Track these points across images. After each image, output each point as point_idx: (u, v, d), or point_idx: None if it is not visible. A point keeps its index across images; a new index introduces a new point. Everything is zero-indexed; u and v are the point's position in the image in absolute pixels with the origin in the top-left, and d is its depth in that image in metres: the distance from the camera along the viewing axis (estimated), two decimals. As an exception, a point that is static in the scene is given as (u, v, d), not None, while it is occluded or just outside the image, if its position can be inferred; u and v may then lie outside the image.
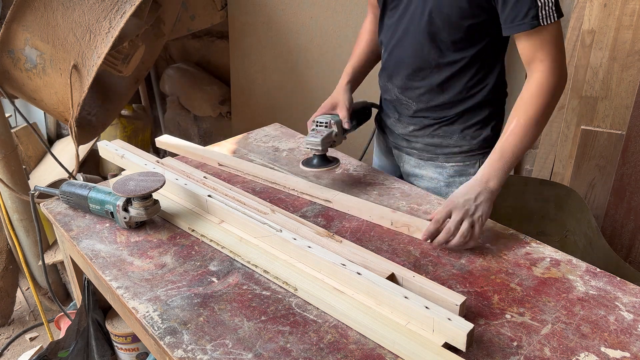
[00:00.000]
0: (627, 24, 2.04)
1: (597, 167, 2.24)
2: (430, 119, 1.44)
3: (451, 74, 1.35)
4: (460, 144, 1.43)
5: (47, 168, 2.81)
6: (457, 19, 1.25)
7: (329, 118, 1.42)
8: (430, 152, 1.47)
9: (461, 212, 1.15)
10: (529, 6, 1.15)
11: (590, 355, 0.91)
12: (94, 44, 1.82)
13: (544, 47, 1.19)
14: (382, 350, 0.92)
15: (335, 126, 1.41)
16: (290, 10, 2.58)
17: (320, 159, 1.42)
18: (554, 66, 1.20)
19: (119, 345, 1.60)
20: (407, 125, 1.49)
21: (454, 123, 1.42)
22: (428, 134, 1.46)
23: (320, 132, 1.40)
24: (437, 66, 1.35)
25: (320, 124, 1.42)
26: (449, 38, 1.30)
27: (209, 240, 1.21)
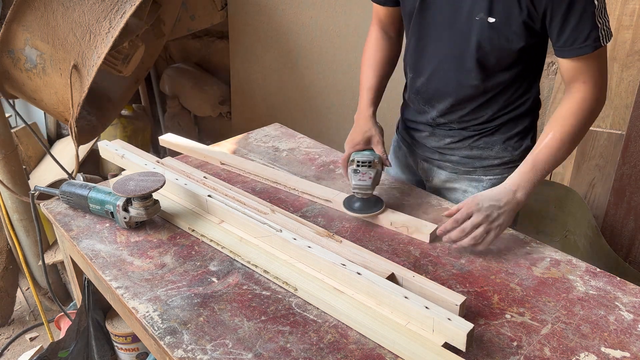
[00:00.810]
0: (627, 24, 2.04)
1: (597, 167, 2.24)
2: (470, 131, 1.37)
3: (496, 93, 1.31)
4: (502, 155, 1.38)
5: (47, 168, 2.81)
6: (508, 45, 1.20)
7: (371, 157, 1.29)
8: (467, 165, 1.41)
9: (481, 217, 1.13)
10: (591, 28, 1.11)
11: (590, 355, 0.91)
12: (94, 44, 1.82)
13: (590, 68, 1.16)
14: (382, 350, 0.92)
15: (379, 164, 1.30)
16: (290, 10, 2.58)
17: (364, 202, 1.29)
18: (596, 90, 1.17)
19: (119, 345, 1.60)
20: (442, 138, 1.41)
21: (495, 134, 1.36)
22: (467, 146, 1.39)
23: (367, 173, 1.26)
24: (484, 91, 1.30)
25: (363, 164, 1.28)
26: (497, 63, 1.24)
27: (209, 240, 1.21)
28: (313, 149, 1.67)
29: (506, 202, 1.14)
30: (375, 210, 1.28)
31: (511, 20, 1.16)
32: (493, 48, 1.21)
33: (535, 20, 1.15)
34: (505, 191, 1.16)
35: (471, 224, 1.13)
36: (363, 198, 1.28)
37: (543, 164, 1.17)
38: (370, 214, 1.28)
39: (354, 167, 1.28)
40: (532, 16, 1.14)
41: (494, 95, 1.31)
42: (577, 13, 1.10)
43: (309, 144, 1.70)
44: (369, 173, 1.26)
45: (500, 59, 1.24)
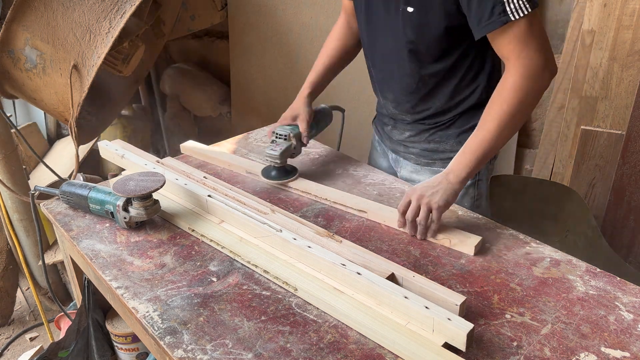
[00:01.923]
0: (627, 24, 2.04)
1: (597, 167, 2.24)
2: (426, 125, 1.44)
3: (437, 82, 1.35)
4: (457, 148, 1.39)
5: (47, 168, 2.81)
6: (430, 32, 1.24)
7: (288, 130, 1.44)
8: (427, 157, 1.47)
9: (416, 197, 1.18)
10: (493, 3, 1.11)
11: (590, 355, 0.91)
12: (94, 44, 1.82)
13: (519, 42, 1.14)
14: (382, 350, 0.92)
15: (294, 139, 1.43)
16: (290, 10, 2.58)
17: (278, 171, 1.43)
18: (521, 63, 1.15)
19: (119, 345, 1.60)
20: (403, 132, 1.49)
21: (450, 127, 1.42)
22: (424, 140, 1.46)
23: (280, 145, 1.42)
24: (421, 79, 1.35)
25: (279, 136, 1.44)
26: (428, 52, 1.29)
27: (209, 240, 1.21)
28: (313, 149, 1.67)
29: (439, 182, 1.20)
30: (287, 178, 1.43)
31: (428, 7, 1.21)
32: (419, 37, 1.26)
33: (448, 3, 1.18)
34: (440, 175, 1.22)
35: (412, 210, 1.19)
36: (278, 167, 1.43)
37: (473, 148, 1.20)
38: (282, 181, 1.43)
39: (273, 138, 1.45)
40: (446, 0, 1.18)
41: (436, 85, 1.35)
42: None
43: (309, 144, 1.70)
44: (281, 145, 1.42)
45: (429, 47, 1.28)
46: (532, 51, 1.14)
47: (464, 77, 1.34)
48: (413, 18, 1.24)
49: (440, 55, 1.30)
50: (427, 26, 1.24)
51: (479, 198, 1.46)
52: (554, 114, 2.33)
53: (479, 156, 1.19)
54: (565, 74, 2.25)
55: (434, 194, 1.18)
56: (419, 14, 1.23)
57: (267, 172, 1.45)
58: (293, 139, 1.43)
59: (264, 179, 1.45)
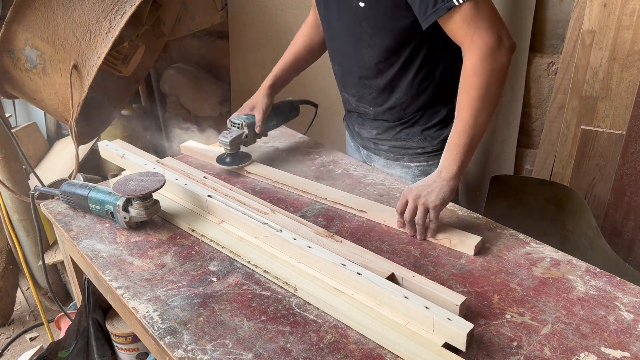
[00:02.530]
0: (627, 24, 2.04)
1: (597, 167, 2.24)
2: (390, 122, 1.46)
3: (394, 74, 1.37)
4: (423, 145, 1.46)
5: (47, 168, 2.81)
6: (383, 25, 1.27)
7: (242, 119, 1.50)
8: (396, 153, 1.51)
9: (412, 197, 1.19)
10: None
11: (590, 355, 0.91)
12: (94, 44, 1.82)
13: (469, 25, 1.14)
14: (382, 350, 0.92)
15: (246, 128, 1.50)
16: (290, 10, 2.58)
17: (232, 157, 1.50)
18: (475, 44, 1.15)
19: (119, 345, 1.60)
20: (370, 130, 1.53)
21: (414, 125, 1.44)
22: (391, 137, 1.48)
23: (232, 132, 1.48)
24: (378, 71, 1.37)
25: (233, 124, 1.50)
26: (381, 42, 1.31)
27: (209, 240, 1.21)
28: (313, 149, 1.67)
29: (433, 181, 1.21)
30: (239, 164, 1.50)
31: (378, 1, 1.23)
32: (372, 30, 1.29)
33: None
34: (434, 174, 1.23)
35: (409, 211, 1.20)
36: (232, 154, 1.50)
37: (457, 140, 1.20)
38: (234, 167, 1.50)
39: (228, 126, 1.52)
40: None
41: (392, 77, 1.37)
42: None
43: (308, 144, 1.70)
44: (233, 132, 1.49)
45: (382, 41, 1.30)
46: (482, 31, 1.14)
47: (419, 71, 1.36)
48: (365, 12, 1.27)
49: (394, 49, 1.32)
50: (378, 20, 1.27)
51: None
52: (554, 114, 2.33)
53: (464, 147, 1.19)
54: (565, 74, 2.25)
55: (429, 193, 1.19)
56: (370, 8, 1.25)
57: (220, 159, 1.52)
58: (245, 128, 1.50)
59: (218, 165, 1.51)
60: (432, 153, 1.47)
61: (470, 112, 1.17)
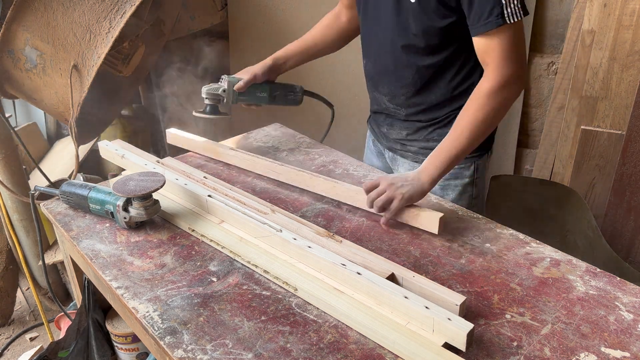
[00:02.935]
0: (627, 24, 2.04)
1: (597, 167, 2.24)
2: (422, 122, 1.44)
3: (432, 75, 1.35)
4: None
5: (47, 168, 2.81)
6: (430, 24, 1.25)
7: (227, 77, 1.54)
8: (426, 155, 1.44)
9: (386, 182, 1.21)
10: (493, 4, 1.13)
11: (590, 355, 0.91)
12: (94, 44, 1.82)
13: (495, 48, 1.16)
14: (382, 350, 0.92)
15: (226, 84, 1.53)
16: (290, 10, 2.58)
17: (210, 109, 1.56)
18: (500, 72, 1.17)
19: (119, 345, 1.60)
20: (400, 131, 1.50)
21: (447, 125, 1.41)
22: (422, 138, 1.46)
23: (213, 85, 1.55)
24: (417, 70, 1.35)
25: (220, 79, 1.56)
26: (424, 42, 1.29)
27: (209, 240, 1.21)
28: (313, 149, 1.67)
29: (412, 178, 1.23)
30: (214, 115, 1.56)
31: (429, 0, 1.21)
32: (418, 28, 1.27)
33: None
34: (413, 172, 1.24)
35: (376, 193, 1.22)
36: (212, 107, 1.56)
37: (445, 151, 1.22)
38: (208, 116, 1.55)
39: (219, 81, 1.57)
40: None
41: (431, 77, 1.35)
42: None
43: (309, 144, 1.71)
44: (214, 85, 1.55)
45: (427, 39, 1.28)
46: (512, 61, 1.17)
47: (459, 72, 1.35)
48: (415, 9, 1.25)
49: (437, 48, 1.30)
50: (427, 18, 1.24)
51: (477, 197, 1.47)
52: (554, 114, 2.34)
53: (451, 159, 1.22)
54: (565, 74, 2.25)
55: (403, 185, 1.20)
56: (419, 5, 1.23)
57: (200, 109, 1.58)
58: (225, 83, 1.54)
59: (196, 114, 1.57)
60: None
61: (471, 130, 1.20)
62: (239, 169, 1.55)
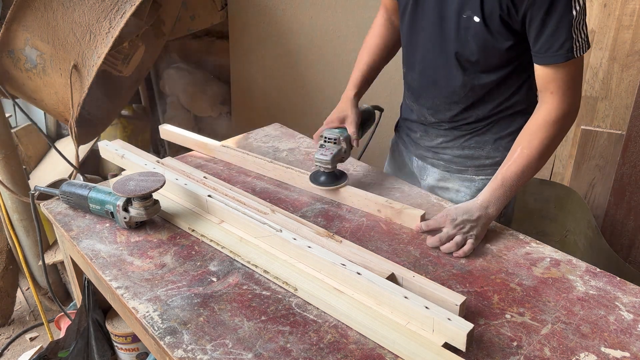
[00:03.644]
0: (627, 24, 2.04)
1: (597, 167, 2.24)
2: (461, 130, 1.39)
3: (484, 93, 1.31)
4: (493, 155, 1.38)
5: (47, 168, 2.81)
6: (493, 44, 1.21)
7: (337, 134, 1.37)
8: (459, 165, 1.42)
9: (454, 229, 1.17)
10: (565, 38, 1.11)
11: (590, 355, 0.91)
12: (94, 44, 1.82)
13: (562, 79, 1.16)
14: (382, 350, 0.92)
15: (344, 142, 1.37)
16: (290, 10, 2.58)
17: (328, 176, 1.38)
18: (565, 100, 1.17)
19: (119, 345, 1.60)
20: (435, 138, 1.44)
21: (487, 133, 1.37)
22: (458, 146, 1.41)
23: (330, 149, 1.35)
24: (471, 89, 1.30)
25: (329, 140, 1.37)
26: (485, 63, 1.25)
27: (209, 240, 1.21)
28: (313, 149, 1.67)
29: (478, 216, 1.19)
30: (337, 184, 1.37)
31: (493, 19, 1.17)
32: (479, 47, 1.22)
33: (514, 21, 1.16)
34: (478, 207, 1.20)
35: (446, 234, 1.18)
36: (327, 172, 1.37)
37: (511, 180, 1.20)
38: (333, 187, 1.37)
39: (321, 142, 1.38)
40: (512, 17, 1.15)
41: (482, 96, 1.32)
42: (554, 20, 1.11)
43: (309, 144, 1.70)
44: (332, 149, 1.35)
45: (487, 58, 1.25)
46: (575, 91, 1.18)
47: (509, 89, 1.31)
48: (477, 28, 1.20)
49: (495, 68, 1.27)
50: (491, 37, 1.20)
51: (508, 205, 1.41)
52: (554, 114, 2.33)
53: (517, 188, 1.21)
54: (565, 74, 2.24)
55: (472, 228, 1.17)
56: (486, 25, 1.18)
57: (315, 177, 1.39)
58: (343, 143, 1.36)
59: (313, 185, 1.39)
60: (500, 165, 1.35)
61: (538, 158, 1.19)
62: (239, 169, 1.55)
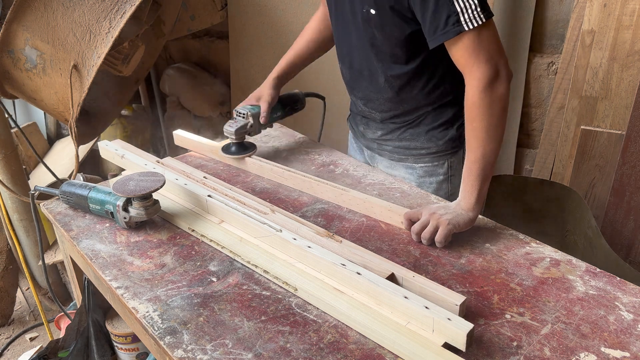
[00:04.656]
0: (627, 24, 2.04)
1: (597, 167, 2.24)
2: (396, 124, 1.46)
3: (403, 84, 1.36)
4: (427, 145, 1.45)
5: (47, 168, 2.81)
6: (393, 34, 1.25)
7: (248, 109, 1.51)
8: (401, 154, 1.50)
9: (427, 214, 1.20)
10: (448, 13, 1.11)
11: (590, 355, 0.91)
12: (94, 44, 1.82)
13: (470, 54, 1.14)
14: (382, 350, 0.92)
15: (251, 118, 1.51)
16: (290, 10, 2.58)
17: (237, 147, 1.53)
18: (475, 75, 1.15)
19: (119, 345, 1.60)
20: (375, 131, 1.52)
21: (420, 125, 1.44)
22: (396, 138, 1.48)
23: (237, 122, 1.50)
24: (386, 79, 1.37)
25: (239, 114, 1.52)
26: (389, 52, 1.30)
27: (209, 240, 1.21)
28: (313, 148, 1.67)
29: (453, 209, 1.21)
30: (244, 154, 1.52)
31: (386, 10, 1.21)
32: (382, 38, 1.27)
33: (404, 9, 1.18)
34: (453, 203, 1.24)
35: (420, 225, 1.20)
36: (238, 143, 1.52)
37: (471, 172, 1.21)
38: (241, 155, 1.51)
39: (234, 116, 1.53)
40: (401, 6, 1.18)
41: (402, 87, 1.36)
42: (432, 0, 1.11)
43: (309, 144, 1.70)
44: (238, 122, 1.50)
45: (393, 49, 1.29)
46: (482, 63, 1.14)
47: (431, 79, 1.35)
48: (376, 20, 1.25)
49: (405, 58, 1.31)
50: (388, 28, 1.25)
51: (453, 194, 1.49)
52: (554, 114, 2.33)
53: (478, 177, 1.20)
54: (565, 74, 2.24)
55: (447, 213, 1.19)
56: (380, 17, 1.24)
57: (226, 148, 1.54)
58: (250, 118, 1.51)
59: (223, 154, 1.54)
60: (436, 154, 1.46)
61: (477, 143, 1.19)
62: (238, 169, 1.55)
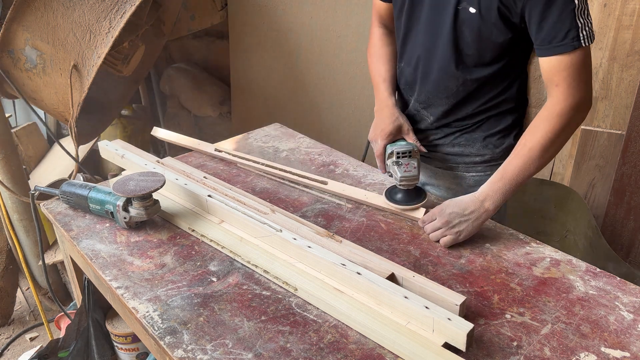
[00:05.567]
0: (627, 24, 2.04)
1: (597, 167, 2.24)
2: (452, 127, 1.39)
3: (475, 88, 1.30)
4: (483, 152, 1.38)
5: (47, 168, 2.81)
6: (488, 37, 1.20)
7: (409, 147, 1.28)
8: (450, 162, 1.42)
9: (442, 221, 1.18)
10: (570, 26, 1.08)
11: (590, 355, 0.91)
12: (94, 44, 1.82)
13: (567, 70, 1.12)
14: (382, 350, 0.92)
15: (417, 153, 1.29)
16: (290, 10, 2.58)
17: (408, 193, 1.29)
18: (571, 93, 1.13)
19: (119, 345, 1.60)
20: (425, 136, 1.43)
21: (476, 130, 1.36)
22: (449, 143, 1.40)
23: (410, 163, 1.26)
24: (463, 83, 1.29)
25: (404, 154, 1.27)
26: (479, 56, 1.24)
27: (209, 240, 1.21)
28: (313, 149, 1.67)
29: (472, 210, 1.18)
30: (419, 201, 1.29)
31: (491, 12, 1.16)
32: (474, 39, 1.22)
33: (513, 14, 1.15)
34: (474, 200, 1.19)
35: (431, 227, 1.20)
36: (406, 190, 1.28)
37: (512, 173, 1.17)
38: (414, 205, 1.28)
39: (394, 160, 1.27)
40: (511, 9, 1.14)
41: (473, 90, 1.31)
42: (555, 10, 1.09)
43: (309, 144, 1.70)
44: (412, 163, 1.26)
45: (480, 52, 1.24)
46: (583, 83, 1.14)
47: (500, 85, 1.30)
48: (472, 20, 1.19)
49: (488, 62, 1.25)
50: (487, 31, 1.19)
51: None
52: (554, 114, 2.33)
53: (518, 182, 1.17)
54: (565, 74, 2.24)
55: (461, 223, 1.17)
56: (482, 17, 1.17)
57: (392, 195, 1.31)
58: (417, 154, 1.28)
59: (393, 205, 1.30)
60: (489, 162, 1.38)
61: (541, 152, 1.15)
62: (238, 169, 1.55)
